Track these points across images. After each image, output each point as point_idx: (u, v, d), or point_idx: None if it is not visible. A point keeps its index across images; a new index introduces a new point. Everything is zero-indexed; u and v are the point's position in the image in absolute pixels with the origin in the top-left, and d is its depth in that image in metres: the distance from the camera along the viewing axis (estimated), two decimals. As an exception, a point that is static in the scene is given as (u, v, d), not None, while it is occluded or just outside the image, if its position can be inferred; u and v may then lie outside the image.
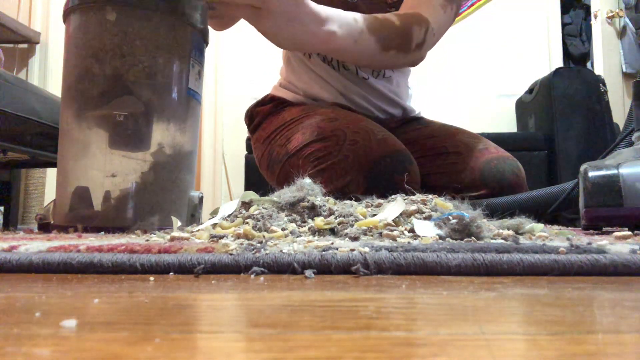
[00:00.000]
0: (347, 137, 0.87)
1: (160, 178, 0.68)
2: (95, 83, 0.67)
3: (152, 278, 0.37)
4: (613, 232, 0.61)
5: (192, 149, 0.75)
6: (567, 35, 2.76)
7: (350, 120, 0.91)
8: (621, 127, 2.05)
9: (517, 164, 0.97)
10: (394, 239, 0.49)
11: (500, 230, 0.53)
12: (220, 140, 2.51)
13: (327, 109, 0.98)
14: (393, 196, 0.63)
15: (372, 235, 0.51)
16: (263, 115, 1.08)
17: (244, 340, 0.20)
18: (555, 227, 0.74)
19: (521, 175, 0.96)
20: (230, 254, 0.39)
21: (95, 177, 0.66)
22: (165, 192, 0.69)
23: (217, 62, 2.53)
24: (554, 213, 0.83)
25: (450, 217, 0.51)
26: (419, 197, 0.62)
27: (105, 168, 0.65)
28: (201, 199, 0.74)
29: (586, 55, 2.78)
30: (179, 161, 0.71)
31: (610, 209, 0.65)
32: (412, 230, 0.53)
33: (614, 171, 0.66)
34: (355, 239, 0.49)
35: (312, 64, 1.04)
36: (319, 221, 0.55)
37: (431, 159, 1.00)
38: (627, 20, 2.47)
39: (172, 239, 0.51)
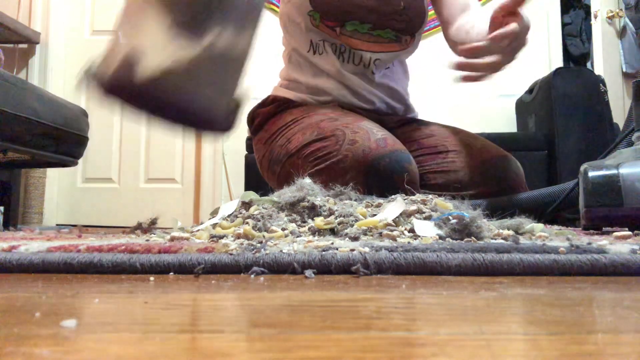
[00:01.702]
0: (346, 137, 0.87)
1: (208, 70, 0.65)
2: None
3: (152, 278, 0.37)
4: (613, 232, 0.61)
5: (247, 50, 0.69)
6: (567, 35, 2.75)
7: (350, 119, 0.91)
8: (621, 127, 2.04)
9: (516, 163, 0.97)
10: (394, 239, 0.49)
11: (500, 230, 0.53)
12: (220, 140, 2.51)
13: (328, 109, 0.98)
14: (393, 196, 0.63)
15: (372, 235, 0.51)
16: (264, 117, 1.08)
17: (244, 340, 0.20)
18: (555, 227, 0.74)
19: (520, 175, 0.96)
20: (230, 254, 0.39)
21: (147, 50, 0.61)
22: (210, 85, 0.65)
23: (217, 62, 2.52)
24: (554, 213, 0.83)
25: (450, 217, 0.51)
26: (418, 197, 0.62)
27: (159, 46, 0.62)
28: (242, 105, 0.69)
29: (586, 55, 2.78)
30: (230, 59, 0.67)
31: (610, 208, 0.65)
32: (412, 230, 0.53)
33: (614, 171, 0.66)
34: (355, 239, 0.49)
35: (317, 59, 1.03)
36: (319, 221, 0.55)
37: (431, 157, 1.00)
38: (627, 20, 2.47)
39: (172, 239, 0.51)
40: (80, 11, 2.64)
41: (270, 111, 1.07)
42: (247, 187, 1.94)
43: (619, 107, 2.37)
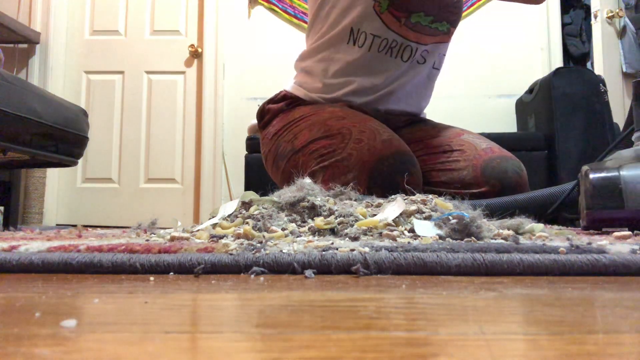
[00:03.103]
0: (352, 136, 0.87)
1: None
2: None
3: (152, 278, 0.36)
4: (613, 232, 0.61)
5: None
6: (567, 35, 2.75)
7: (357, 119, 0.91)
8: (621, 127, 2.04)
9: (519, 164, 0.97)
10: (394, 239, 0.49)
11: (500, 230, 0.53)
12: (220, 140, 2.51)
13: (336, 107, 0.98)
14: (393, 196, 0.63)
15: (372, 235, 0.51)
16: (274, 113, 1.09)
17: (244, 340, 0.20)
18: (555, 227, 0.74)
19: (523, 176, 0.96)
20: (230, 254, 0.39)
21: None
22: None
23: (217, 63, 2.53)
24: (554, 214, 0.83)
25: (450, 217, 0.51)
26: (419, 197, 0.62)
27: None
28: None
29: (586, 55, 2.78)
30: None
31: (612, 211, 0.65)
32: (412, 230, 0.52)
33: (615, 173, 0.66)
34: (355, 239, 0.49)
35: (352, 50, 1.00)
36: (319, 221, 0.55)
37: (435, 156, 1.00)
38: (627, 20, 2.47)
39: (172, 239, 0.51)
40: (80, 11, 2.64)
41: (280, 108, 1.08)
42: (247, 187, 1.94)
43: (619, 107, 2.37)
